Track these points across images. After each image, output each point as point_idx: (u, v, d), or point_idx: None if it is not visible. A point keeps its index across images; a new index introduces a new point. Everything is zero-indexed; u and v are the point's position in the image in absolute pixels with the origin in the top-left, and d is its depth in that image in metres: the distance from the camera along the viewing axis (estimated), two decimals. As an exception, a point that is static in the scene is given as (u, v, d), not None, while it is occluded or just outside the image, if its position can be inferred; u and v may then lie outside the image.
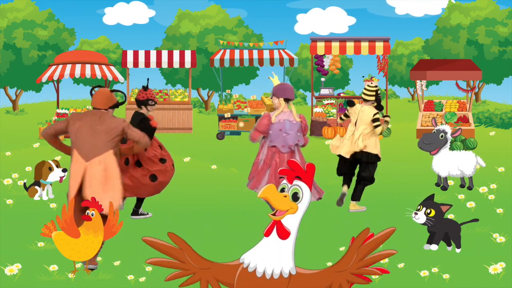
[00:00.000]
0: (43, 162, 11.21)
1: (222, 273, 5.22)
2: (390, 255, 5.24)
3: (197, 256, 5.24)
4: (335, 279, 5.14)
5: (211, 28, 31.64)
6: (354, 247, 5.13)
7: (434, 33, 32.27)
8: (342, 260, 5.17)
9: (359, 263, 5.14)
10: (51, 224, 7.25)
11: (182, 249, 5.21)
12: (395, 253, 5.26)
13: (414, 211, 8.01)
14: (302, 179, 5.03)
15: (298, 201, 5.04)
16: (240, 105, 21.59)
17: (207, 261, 5.25)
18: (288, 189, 5.03)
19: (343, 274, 5.14)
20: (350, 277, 5.14)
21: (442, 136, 11.86)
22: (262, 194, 4.94)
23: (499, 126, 23.16)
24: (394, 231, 5.22)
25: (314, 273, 5.18)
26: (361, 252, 5.14)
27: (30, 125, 23.05)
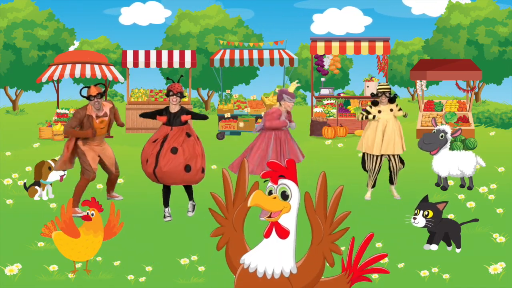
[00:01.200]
0: (42, 162, 11.22)
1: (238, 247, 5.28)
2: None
3: (242, 216, 5.29)
4: (323, 249, 5.15)
5: (211, 28, 31.63)
6: (311, 214, 5.13)
7: (434, 33, 32.26)
8: (313, 232, 5.17)
9: (327, 222, 5.15)
10: (51, 224, 7.26)
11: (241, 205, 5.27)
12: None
13: (412, 216, 8.01)
14: (285, 177, 5.04)
15: (289, 199, 5.06)
16: (240, 105, 21.57)
17: (242, 226, 5.31)
18: (276, 190, 5.04)
19: (324, 242, 5.15)
20: (331, 238, 5.15)
21: (442, 136, 11.86)
22: (252, 203, 4.95)
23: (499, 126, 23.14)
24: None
25: (304, 261, 5.19)
26: (320, 213, 5.14)
27: (30, 125, 23.05)
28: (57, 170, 10.53)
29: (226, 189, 5.37)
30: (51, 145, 18.18)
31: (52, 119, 21.22)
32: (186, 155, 9.63)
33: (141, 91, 22.85)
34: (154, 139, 9.78)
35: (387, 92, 11.02)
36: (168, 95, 9.98)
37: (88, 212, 7.10)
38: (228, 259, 5.31)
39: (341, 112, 22.01)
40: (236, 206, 5.31)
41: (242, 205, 5.29)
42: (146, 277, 6.92)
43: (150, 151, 9.67)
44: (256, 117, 21.17)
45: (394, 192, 11.25)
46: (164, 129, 9.81)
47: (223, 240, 5.33)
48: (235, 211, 5.31)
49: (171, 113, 9.91)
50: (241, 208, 5.30)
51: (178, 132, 9.76)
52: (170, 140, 9.67)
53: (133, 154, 12.49)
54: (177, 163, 9.57)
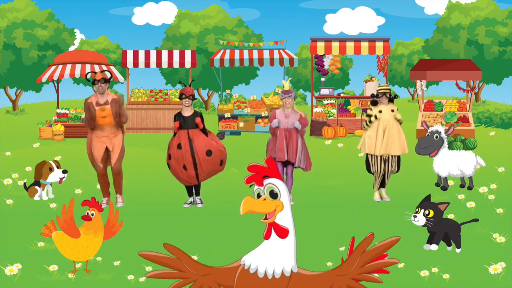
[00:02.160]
0: (43, 162, 11.21)
1: (223, 276, 5.22)
2: (392, 264, 5.21)
3: (195, 263, 5.25)
4: (336, 282, 5.13)
5: (211, 28, 31.64)
6: (357, 253, 5.12)
7: (434, 33, 32.27)
8: (344, 264, 5.16)
9: (361, 269, 5.13)
10: (51, 224, 7.25)
11: (179, 258, 5.22)
12: (397, 262, 5.23)
13: (413, 214, 8.01)
14: (269, 176, 5.03)
15: (278, 197, 5.05)
16: (240, 105, 21.58)
17: (206, 266, 5.26)
18: (263, 191, 5.03)
19: (343, 278, 5.13)
20: (350, 282, 5.14)
21: (437, 137, 11.85)
22: (244, 210, 4.95)
23: (499, 126, 23.16)
24: (399, 240, 5.18)
25: (315, 275, 5.17)
26: (364, 258, 5.13)
27: (30, 125, 23.05)
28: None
29: (161, 261, 5.27)
30: (51, 145, 18.18)
31: (52, 119, 21.23)
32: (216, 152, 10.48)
33: (141, 91, 22.85)
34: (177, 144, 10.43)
35: (387, 93, 10.99)
36: (181, 98, 10.59)
37: (88, 212, 7.10)
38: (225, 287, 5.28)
39: (341, 112, 22.01)
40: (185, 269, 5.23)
41: (185, 262, 5.22)
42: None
43: (183, 158, 10.38)
44: (256, 117, 21.18)
45: (384, 194, 11.13)
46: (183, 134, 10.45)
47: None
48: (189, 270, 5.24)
49: (184, 117, 10.52)
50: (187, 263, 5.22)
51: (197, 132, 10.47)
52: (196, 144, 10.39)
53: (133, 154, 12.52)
54: (214, 162, 10.48)
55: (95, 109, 10.31)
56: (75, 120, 21.03)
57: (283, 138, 10.60)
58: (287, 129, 10.62)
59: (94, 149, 10.37)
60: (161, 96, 22.61)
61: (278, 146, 10.60)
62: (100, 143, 10.36)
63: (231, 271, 5.21)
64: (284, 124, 10.63)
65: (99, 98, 10.35)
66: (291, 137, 10.60)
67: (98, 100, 10.35)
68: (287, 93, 10.66)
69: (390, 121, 10.93)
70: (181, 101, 10.61)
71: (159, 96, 22.57)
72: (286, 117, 10.64)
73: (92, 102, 10.35)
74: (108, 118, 10.26)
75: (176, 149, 10.42)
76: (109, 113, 10.25)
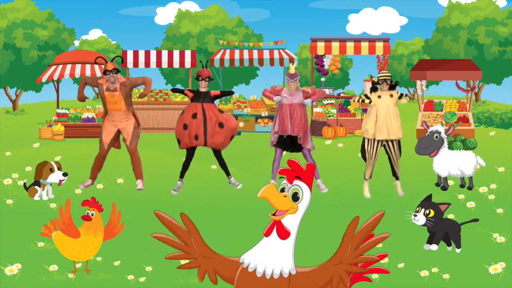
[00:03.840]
0: (45, 162, 11.20)
1: (222, 266, 5.22)
2: (384, 238, 5.24)
3: (202, 242, 5.24)
4: (335, 272, 5.14)
5: (211, 28, 31.63)
6: (347, 237, 5.14)
7: (434, 33, 32.24)
8: (337, 252, 5.17)
9: (355, 252, 5.15)
10: (51, 224, 7.25)
11: (190, 232, 5.21)
12: (388, 235, 5.26)
13: (413, 213, 8.01)
14: (302, 179, 5.03)
15: (298, 201, 5.04)
16: (240, 105, 21.56)
17: (210, 250, 5.25)
18: (288, 189, 5.02)
19: (341, 266, 5.14)
20: (348, 268, 5.15)
21: (437, 137, 11.85)
22: (262, 194, 4.94)
23: (499, 126, 23.14)
24: (383, 214, 5.21)
25: (313, 270, 5.18)
26: (355, 241, 5.15)
27: (30, 125, 23.04)
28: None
29: (172, 227, 5.31)
30: (51, 145, 18.17)
31: (52, 119, 21.22)
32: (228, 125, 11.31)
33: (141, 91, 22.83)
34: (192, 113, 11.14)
35: (388, 79, 11.18)
36: (198, 79, 11.21)
37: (88, 212, 7.10)
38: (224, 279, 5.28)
39: (341, 112, 22.00)
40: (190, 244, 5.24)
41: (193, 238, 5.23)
42: (146, 277, 6.92)
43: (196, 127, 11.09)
44: (256, 117, 21.17)
45: (399, 188, 11.28)
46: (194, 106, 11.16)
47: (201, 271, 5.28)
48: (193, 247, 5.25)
49: (200, 92, 11.26)
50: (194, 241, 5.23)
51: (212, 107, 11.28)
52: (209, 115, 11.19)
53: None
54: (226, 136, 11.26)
55: (104, 92, 10.68)
56: (75, 120, 21.02)
57: (288, 112, 11.01)
58: (291, 104, 11.04)
59: (105, 129, 10.92)
60: (161, 96, 22.60)
61: (281, 120, 11.04)
62: (112, 126, 10.81)
63: (230, 263, 5.21)
64: (289, 100, 11.06)
65: (110, 85, 10.66)
66: (295, 111, 11.03)
67: (109, 86, 10.69)
68: (292, 77, 11.08)
69: (389, 107, 11.15)
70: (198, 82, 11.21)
71: (159, 96, 22.56)
72: (291, 95, 11.12)
73: (103, 84, 10.75)
74: (118, 104, 10.55)
75: (191, 118, 11.06)
76: (119, 99, 10.54)
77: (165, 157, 15.06)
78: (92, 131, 20.54)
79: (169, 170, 13.70)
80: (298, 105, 11.09)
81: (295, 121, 11.02)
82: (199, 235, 5.22)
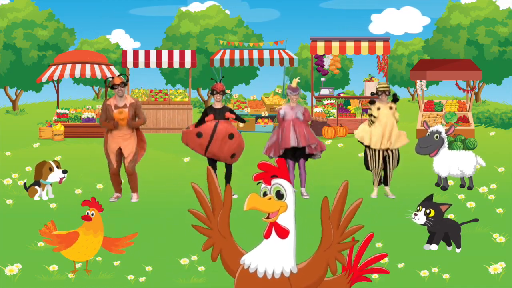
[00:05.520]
0: (44, 162, 11.21)
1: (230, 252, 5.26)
2: (358, 206, 5.31)
3: (226, 220, 5.27)
4: (328, 257, 5.15)
5: (211, 28, 31.63)
6: (325, 220, 5.16)
7: (434, 33, 32.26)
8: (322, 237, 5.18)
9: (338, 230, 5.17)
10: (51, 224, 7.25)
11: (224, 204, 5.26)
12: (360, 200, 5.31)
13: (414, 212, 8.01)
14: (278, 176, 5.04)
15: (284, 198, 5.06)
16: (240, 105, 21.57)
17: (229, 231, 5.29)
18: (270, 191, 5.04)
19: (331, 249, 5.16)
20: (339, 247, 5.15)
21: (437, 137, 11.86)
22: (248, 206, 4.95)
23: (499, 126, 23.16)
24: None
25: (308, 263, 5.19)
26: (333, 220, 5.17)
27: (30, 125, 23.05)
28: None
29: (202, 201, 5.39)
30: (51, 145, 18.18)
31: (52, 119, 21.23)
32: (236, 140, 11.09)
33: (141, 91, 22.85)
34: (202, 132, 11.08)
35: (387, 91, 11.29)
36: (212, 93, 11.25)
37: (88, 212, 7.10)
38: (225, 266, 5.31)
39: (341, 112, 22.01)
40: (216, 214, 5.30)
41: (222, 211, 5.29)
42: (146, 277, 6.92)
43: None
44: (256, 117, 21.17)
45: (388, 192, 11.31)
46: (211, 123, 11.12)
47: (215, 250, 5.32)
48: (217, 219, 5.30)
49: (215, 109, 11.21)
50: (221, 215, 5.29)
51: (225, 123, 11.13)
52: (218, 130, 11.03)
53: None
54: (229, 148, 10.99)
55: (113, 111, 10.74)
56: (75, 120, 21.03)
57: (291, 126, 11.21)
58: (293, 119, 11.27)
59: (109, 147, 10.83)
60: (161, 96, 22.60)
61: (284, 135, 11.17)
62: (114, 143, 10.80)
63: (238, 254, 5.23)
64: (291, 115, 11.30)
65: (118, 101, 10.79)
66: (299, 125, 11.22)
67: (117, 103, 10.79)
68: (294, 90, 11.34)
69: (390, 117, 11.24)
70: (213, 96, 11.25)
71: (159, 96, 22.57)
72: (292, 109, 11.32)
73: (111, 104, 10.79)
74: (125, 121, 10.62)
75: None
76: (126, 116, 10.64)
77: (165, 157, 15.06)
78: (92, 131, 20.55)
79: (169, 170, 13.71)
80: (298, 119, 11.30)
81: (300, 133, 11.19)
82: (229, 213, 5.26)
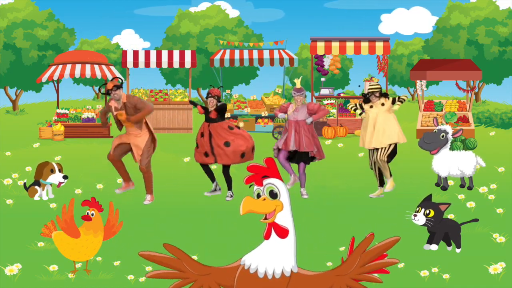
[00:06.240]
0: (46, 163, 11.20)
1: (223, 276, 5.22)
2: (392, 263, 5.22)
3: (195, 263, 5.26)
4: (336, 282, 5.14)
5: (211, 28, 31.63)
6: (358, 253, 5.12)
7: (434, 33, 32.24)
8: (344, 264, 5.16)
9: (361, 269, 5.14)
10: (51, 224, 7.26)
11: (179, 258, 5.22)
12: (397, 262, 5.24)
13: (413, 213, 8.01)
14: (269, 176, 5.04)
15: (278, 197, 5.05)
16: (240, 105, 21.57)
17: (206, 266, 5.26)
18: (263, 192, 5.04)
19: (343, 279, 5.13)
20: (350, 282, 5.14)
21: (443, 136, 11.86)
22: (243, 210, 4.95)
23: (499, 126, 23.14)
24: (398, 240, 5.19)
25: (315, 275, 5.18)
26: (364, 258, 5.13)
27: (30, 125, 23.04)
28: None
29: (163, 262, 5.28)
30: (51, 145, 18.18)
31: (52, 119, 21.22)
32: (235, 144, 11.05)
33: (141, 91, 22.84)
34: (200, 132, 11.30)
35: (376, 92, 11.34)
36: (207, 97, 11.31)
37: (88, 212, 7.10)
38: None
39: (341, 112, 22.01)
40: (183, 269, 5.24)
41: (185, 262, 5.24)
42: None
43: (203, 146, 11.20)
44: (256, 117, 21.16)
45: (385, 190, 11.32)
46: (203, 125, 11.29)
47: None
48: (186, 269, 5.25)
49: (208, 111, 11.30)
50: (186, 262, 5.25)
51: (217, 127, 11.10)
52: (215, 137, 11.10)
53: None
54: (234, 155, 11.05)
55: (114, 113, 10.93)
56: (75, 120, 21.03)
57: (293, 129, 11.19)
58: (296, 121, 11.21)
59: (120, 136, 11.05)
60: (161, 96, 22.59)
61: (286, 137, 11.20)
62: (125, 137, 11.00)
63: (231, 271, 5.21)
64: (294, 117, 11.24)
65: (117, 104, 10.91)
66: (300, 128, 11.15)
67: (117, 105, 10.92)
68: (299, 91, 11.30)
69: (380, 115, 11.26)
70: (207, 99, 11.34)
71: (159, 96, 22.56)
72: (296, 111, 11.27)
73: (112, 106, 10.97)
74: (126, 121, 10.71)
75: (200, 137, 11.25)
76: (125, 116, 10.76)
77: (165, 157, 15.05)
78: (92, 131, 20.55)
79: (169, 170, 13.71)
80: (303, 121, 11.24)
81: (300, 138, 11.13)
82: (189, 257, 5.24)
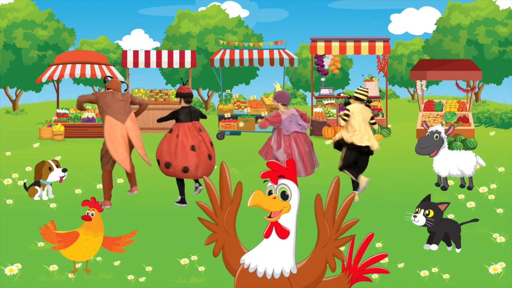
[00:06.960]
0: (43, 162, 11.21)
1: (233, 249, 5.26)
2: (351, 201, 5.28)
3: (233, 217, 5.29)
4: (326, 254, 5.15)
5: (211, 28, 31.63)
6: (320, 217, 5.15)
7: (434, 33, 32.24)
8: (319, 235, 5.18)
9: (334, 226, 5.17)
10: (51, 224, 7.25)
11: (233, 202, 5.27)
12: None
13: (413, 214, 8.01)
14: (285, 177, 5.04)
15: (289, 199, 5.06)
16: (240, 105, 21.57)
17: (234, 229, 5.30)
18: (276, 190, 5.04)
19: (329, 245, 5.15)
20: (336, 243, 5.15)
21: (437, 137, 11.86)
22: (252, 203, 4.95)
23: (499, 126, 23.14)
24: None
25: (307, 261, 5.19)
26: (328, 216, 5.15)
27: (30, 125, 23.05)
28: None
29: (211, 196, 5.40)
30: (51, 145, 18.18)
31: (52, 119, 21.23)
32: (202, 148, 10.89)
33: (141, 91, 22.85)
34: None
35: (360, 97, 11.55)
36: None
37: (88, 212, 7.10)
38: (226, 263, 5.31)
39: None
40: (224, 210, 5.30)
41: (230, 208, 5.29)
42: (146, 277, 6.92)
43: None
44: (256, 117, 21.16)
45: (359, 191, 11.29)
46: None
47: (218, 246, 5.33)
48: (224, 215, 5.31)
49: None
50: (229, 211, 5.29)
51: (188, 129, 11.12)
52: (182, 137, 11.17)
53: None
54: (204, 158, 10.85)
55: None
56: (75, 120, 21.03)
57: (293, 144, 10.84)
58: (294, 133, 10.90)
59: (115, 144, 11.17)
60: (161, 96, 22.60)
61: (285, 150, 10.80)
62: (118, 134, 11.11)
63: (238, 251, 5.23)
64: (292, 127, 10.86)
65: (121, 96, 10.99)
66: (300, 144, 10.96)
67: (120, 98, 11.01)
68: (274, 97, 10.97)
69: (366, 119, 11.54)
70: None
71: (159, 96, 22.56)
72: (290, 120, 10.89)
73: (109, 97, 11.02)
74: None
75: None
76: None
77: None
78: (92, 131, 20.55)
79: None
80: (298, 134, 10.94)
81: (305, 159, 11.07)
82: (237, 210, 5.26)
